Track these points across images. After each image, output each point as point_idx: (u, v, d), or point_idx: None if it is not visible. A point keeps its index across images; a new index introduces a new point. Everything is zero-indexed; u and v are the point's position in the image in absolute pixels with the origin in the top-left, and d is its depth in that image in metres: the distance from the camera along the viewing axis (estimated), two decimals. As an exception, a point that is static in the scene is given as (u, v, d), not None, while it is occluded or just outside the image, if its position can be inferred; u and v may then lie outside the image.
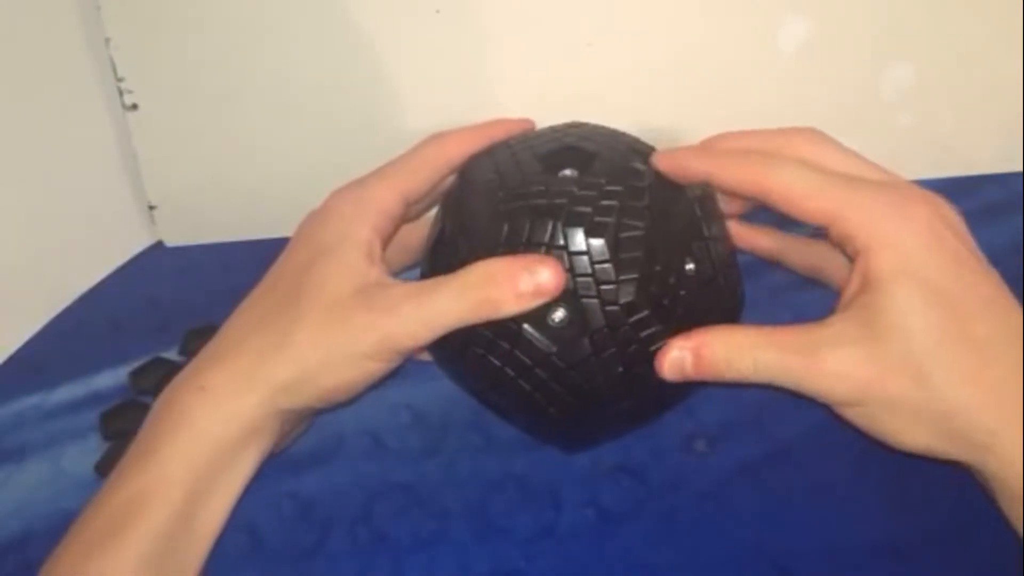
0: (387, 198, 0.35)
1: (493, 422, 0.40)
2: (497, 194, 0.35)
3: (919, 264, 0.28)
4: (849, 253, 0.30)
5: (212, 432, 0.32)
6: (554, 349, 0.34)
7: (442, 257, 0.37)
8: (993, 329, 0.28)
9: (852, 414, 0.29)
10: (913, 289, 0.28)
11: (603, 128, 0.40)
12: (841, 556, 0.36)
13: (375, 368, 0.33)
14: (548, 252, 0.33)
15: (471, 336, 0.35)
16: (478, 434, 0.42)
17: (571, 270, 0.33)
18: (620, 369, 0.34)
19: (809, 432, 0.41)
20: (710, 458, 0.40)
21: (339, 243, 0.34)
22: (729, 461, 0.40)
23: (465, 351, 0.35)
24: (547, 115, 0.43)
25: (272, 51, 0.54)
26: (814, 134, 0.34)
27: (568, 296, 0.33)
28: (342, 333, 0.31)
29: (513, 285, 0.31)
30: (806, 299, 0.48)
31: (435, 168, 0.37)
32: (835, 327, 0.29)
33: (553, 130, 0.40)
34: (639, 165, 0.36)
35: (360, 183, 0.36)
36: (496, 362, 0.35)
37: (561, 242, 0.34)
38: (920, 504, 0.37)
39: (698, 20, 0.54)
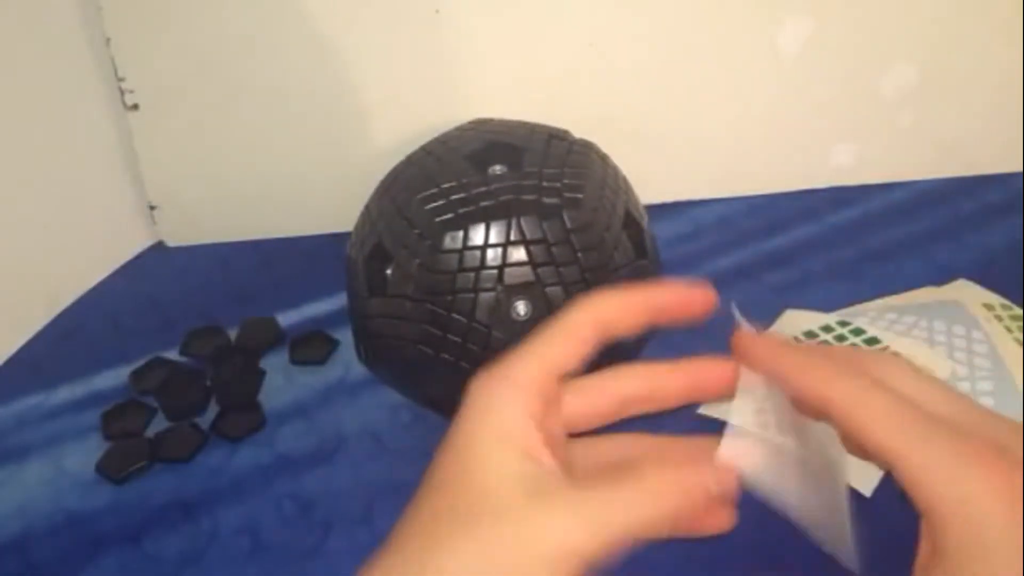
0: (535, 378, 0.29)
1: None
2: (437, 201, 0.35)
3: (995, 542, 0.26)
4: (916, 503, 0.26)
5: None
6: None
7: (379, 272, 0.37)
8: None
9: None
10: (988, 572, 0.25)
11: (511, 121, 0.41)
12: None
13: None
14: (505, 250, 0.34)
15: (439, 344, 0.35)
16: (478, 434, 0.42)
17: (531, 261, 0.34)
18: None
19: (809, 432, 0.41)
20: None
21: (492, 443, 0.28)
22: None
23: (435, 359, 0.35)
24: (547, 114, 0.43)
25: (272, 51, 0.54)
26: (894, 357, 0.28)
27: (529, 287, 0.34)
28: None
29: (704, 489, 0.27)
30: (809, 299, 0.48)
31: (584, 338, 0.30)
32: None
33: (463, 130, 0.41)
34: (562, 149, 0.38)
35: (503, 364, 0.30)
36: (466, 365, 0.35)
37: (515, 237, 0.34)
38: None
39: (699, 20, 0.54)
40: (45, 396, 0.48)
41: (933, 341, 0.41)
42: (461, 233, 0.34)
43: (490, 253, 0.34)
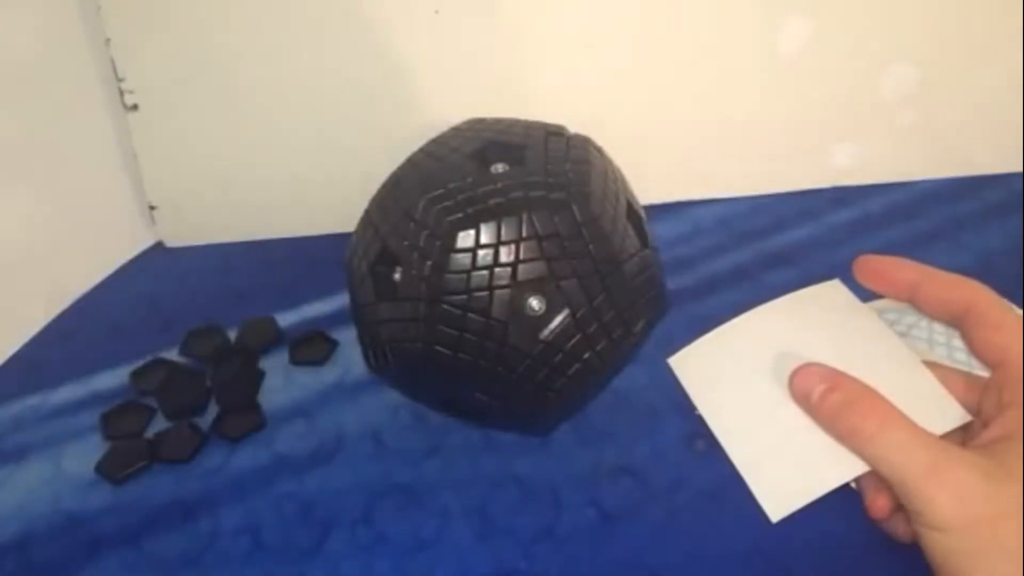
0: None
1: (493, 422, 0.40)
2: (446, 201, 0.35)
3: None
4: (1005, 398, 0.30)
5: None
6: (541, 338, 0.34)
7: (386, 276, 0.37)
8: None
9: (936, 538, 0.28)
10: None
11: (506, 119, 0.42)
12: (841, 555, 0.36)
13: None
14: (517, 247, 0.34)
15: (456, 344, 0.35)
16: (478, 434, 0.42)
17: (544, 256, 0.34)
18: (604, 342, 0.35)
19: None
20: (710, 458, 0.40)
21: None
22: (730, 461, 0.40)
23: (453, 360, 0.35)
24: (546, 115, 0.43)
25: (272, 52, 0.54)
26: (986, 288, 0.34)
27: (542, 282, 0.34)
28: None
29: None
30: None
31: None
32: (973, 453, 0.29)
33: (459, 130, 0.41)
34: (561, 145, 0.38)
35: None
36: (484, 363, 0.35)
37: (527, 232, 0.34)
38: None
39: (698, 20, 0.54)
40: (45, 396, 0.48)
41: (933, 342, 0.41)
42: (473, 231, 0.34)
43: (503, 250, 0.34)
